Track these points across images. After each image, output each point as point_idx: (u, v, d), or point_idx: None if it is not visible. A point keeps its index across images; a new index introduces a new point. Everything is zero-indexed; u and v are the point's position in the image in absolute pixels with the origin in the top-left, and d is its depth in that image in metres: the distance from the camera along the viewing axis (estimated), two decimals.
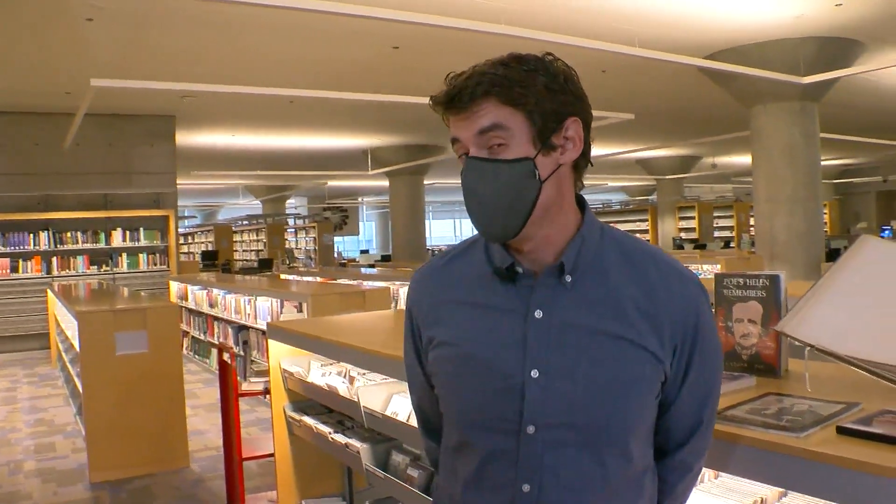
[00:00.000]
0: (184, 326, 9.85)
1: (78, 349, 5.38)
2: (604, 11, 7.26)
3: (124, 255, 12.16)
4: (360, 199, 30.56)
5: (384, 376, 3.13)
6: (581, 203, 1.32)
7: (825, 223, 19.97)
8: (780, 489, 1.71)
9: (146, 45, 8.26)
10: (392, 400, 3.04)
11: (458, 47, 8.50)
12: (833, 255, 12.93)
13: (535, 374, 1.22)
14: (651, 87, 10.56)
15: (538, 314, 1.24)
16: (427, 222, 19.42)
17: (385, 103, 9.67)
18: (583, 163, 1.29)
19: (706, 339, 1.31)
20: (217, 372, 8.57)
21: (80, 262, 11.96)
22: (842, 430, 1.43)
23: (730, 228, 23.34)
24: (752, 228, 19.93)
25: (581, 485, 1.24)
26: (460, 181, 1.26)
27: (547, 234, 1.26)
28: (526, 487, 1.24)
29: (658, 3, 7.25)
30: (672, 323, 1.26)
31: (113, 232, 12.10)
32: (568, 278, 1.25)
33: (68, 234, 11.89)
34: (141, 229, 12.19)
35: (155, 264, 12.24)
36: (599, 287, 1.26)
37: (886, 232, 20.19)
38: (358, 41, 8.22)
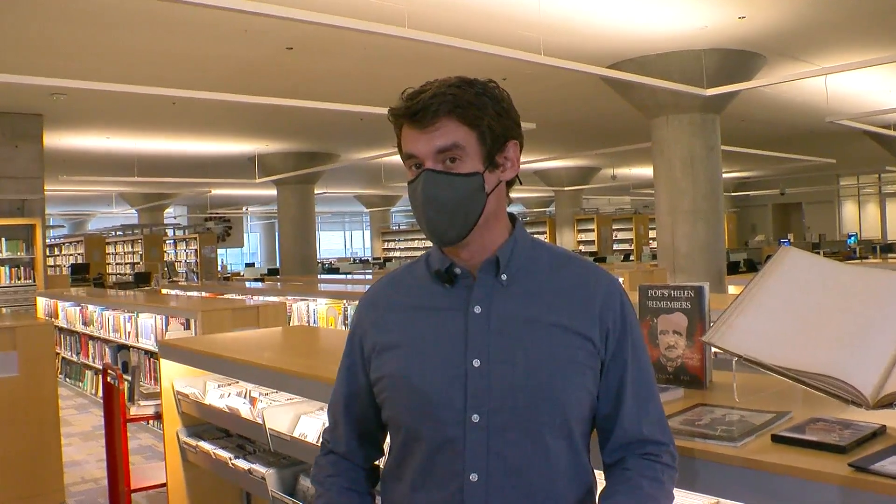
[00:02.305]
0: None
1: None
2: (508, 17, 7.22)
3: None
4: (244, 209, 29.65)
5: (290, 396, 2.98)
6: (512, 218, 1.48)
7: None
8: (714, 499, 1.72)
9: (13, 36, 7.60)
10: (300, 421, 2.86)
11: (355, 51, 8.29)
12: (733, 268, 13.13)
13: (476, 363, 1.33)
14: (553, 96, 10.64)
15: (477, 310, 1.37)
16: (317, 234, 18.94)
17: (275, 107, 9.32)
18: (513, 181, 1.45)
19: (635, 326, 1.43)
20: (93, 396, 8.04)
21: None
22: (777, 439, 1.46)
23: (629, 241, 23.06)
24: (652, 241, 20.19)
25: (526, 466, 1.32)
26: (413, 191, 1.37)
27: (484, 240, 1.40)
28: (474, 477, 1.31)
29: (564, 11, 7.27)
30: (601, 307, 1.38)
31: None
32: (504, 277, 1.39)
33: None
34: (3, 240, 11.18)
35: (19, 278, 11.24)
36: (532, 283, 1.40)
37: (785, 244, 20.93)
38: (249, 40, 7.85)
